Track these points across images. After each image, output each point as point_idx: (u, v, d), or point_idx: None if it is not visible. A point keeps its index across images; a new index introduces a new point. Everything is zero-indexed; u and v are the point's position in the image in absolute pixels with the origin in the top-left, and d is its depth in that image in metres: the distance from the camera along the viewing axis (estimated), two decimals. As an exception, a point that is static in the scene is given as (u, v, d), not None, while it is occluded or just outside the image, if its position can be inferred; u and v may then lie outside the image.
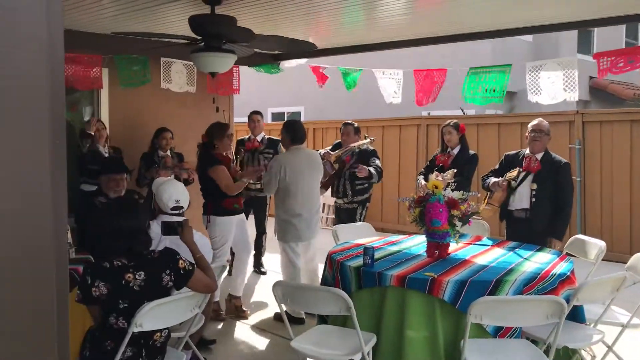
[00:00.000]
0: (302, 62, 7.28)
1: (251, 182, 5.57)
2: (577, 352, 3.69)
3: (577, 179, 7.69)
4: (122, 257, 2.76)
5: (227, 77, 7.00)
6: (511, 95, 14.85)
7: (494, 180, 4.87)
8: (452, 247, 3.98)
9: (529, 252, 4.06)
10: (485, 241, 4.49)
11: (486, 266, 3.62)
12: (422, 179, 5.45)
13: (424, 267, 3.57)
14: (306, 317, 4.84)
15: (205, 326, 3.88)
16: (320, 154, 5.48)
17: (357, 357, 3.11)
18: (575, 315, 3.51)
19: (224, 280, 5.51)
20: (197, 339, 3.84)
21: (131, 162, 5.84)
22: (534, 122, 4.84)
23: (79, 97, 6.56)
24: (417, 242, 4.37)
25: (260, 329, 4.92)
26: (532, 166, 4.71)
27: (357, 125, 5.92)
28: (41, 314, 0.91)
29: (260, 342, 4.65)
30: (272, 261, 7.03)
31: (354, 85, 7.03)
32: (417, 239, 4.52)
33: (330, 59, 7.21)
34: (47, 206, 0.90)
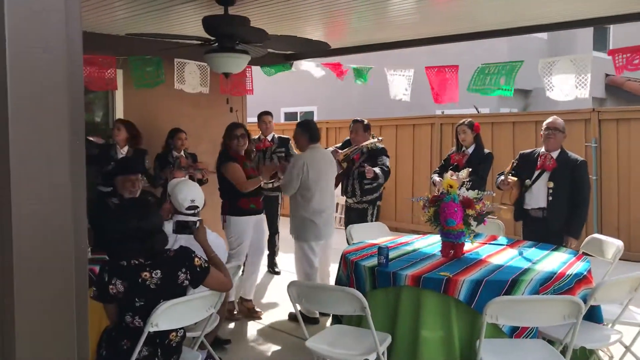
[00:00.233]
0: (314, 66, 7.26)
1: (264, 181, 5.53)
2: (595, 352, 3.65)
3: (594, 178, 7.62)
4: (140, 256, 2.78)
5: (240, 78, 7.01)
6: (526, 93, 14.75)
7: (502, 178, 4.86)
8: (467, 246, 3.96)
9: (544, 252, 4.03)
10: (500, 240, 4.46)
11: (502, 266, 3.60)
12: (436, 176, 5.42)
13: (438, 266, 3.56)
14: (319, 317, 4.85)
15: (219, 326, 3.90)
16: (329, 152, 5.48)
17: (372, 357, 3.10)
18: (592, 315, 3.48)
19: (237, 280, 5.51)
20: (212, 338, 3.85)
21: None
22: (549, 119, 4.82)
23: (93, 98, 6.61)
24: (432, 242, 4.35)
25: (274, 329, 4.93)
26: (548, 164, 4.68)
27: (367, 122, 5.78)
28: (61, 314, 0.92)
29: (274, 342, 4.66)
30: (286, 261, 7.04)
31: (365, 80, 7.01)
32: (431, 238, 4.50)
33: (342, 57, 7.19)
34: (67, 207, 0.91)
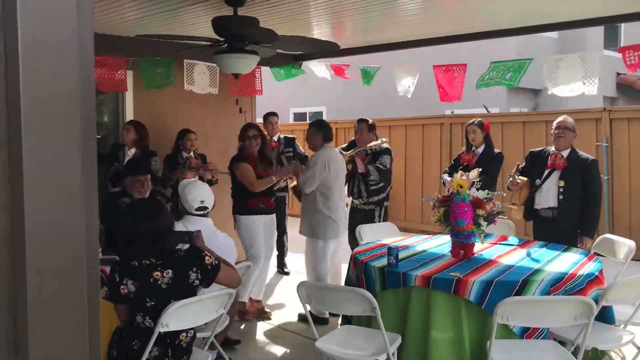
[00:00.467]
0: (323, 69, 7.25)
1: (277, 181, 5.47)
2: (607, 353, 3.63)
3: (605, 177, 7.56)
4: (151, 256, 2.80)
5: (249, 78, 7.02)
6: (536, 92, 14.69)
7: (510, 180, 4.84)
8: (477, 247, 3.95)
9: (555, 252, 4.01)
10: (511, 241, 4.44)
11: (512, 266, 3.58)
12: (446, 176, 5.40)
13: (449, 267, 3.55)
14: (329, 317, 4.85)
15: (229, 326, 3.91)
16: None
17: (382, 357, 3.10)
18: (604, 316, 3.46)
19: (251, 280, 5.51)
20: (222, 339, 3.86)
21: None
22: (559, 119, 4.80)
23: (103, 99, 6.64)
24: (442, 242, 4.34)
25: (284, 329, 4.93)
26: (558, 163, 4.65)
27: (371, 121, 5.71)
28: (74, 314, 0.93)
29: (284, 342, 4.66)
30: (295, 261, 7.04)
31: (369, 83, 6.97)
32: (441, 238, 4.49)
33: (350, 57, 7.18)
34: (79, 208, 0.92)
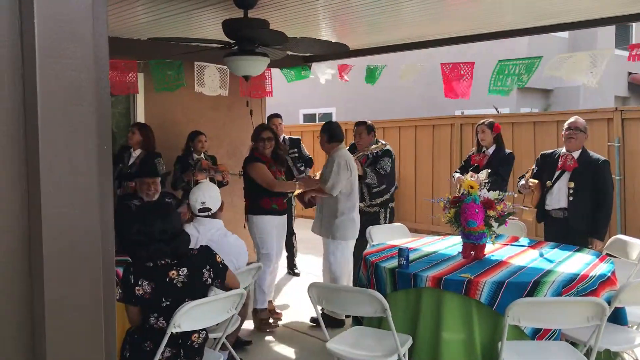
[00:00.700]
0: (332, 72, 7.25)
1: (299, 190, 5.38)
2: (619, 354, 3.61)
3: (617, 178, 7.51)
4: (167, 256, 2.85)
5: (259, 80, 7.05)
6: (547, 93, 14.61)
7: (522, 182, 4.82)
8: (488, 248, 3.94)
9: (567, 253, 3.99)
10: (522, 242, 4.43)
11: (523, 267, 3.57)
12: (457, 175, 5.39)
13: (460, 268, 3.54)
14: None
15: (240, 327, 3.93)
16: None
17: (393, 358, 3.10)
18: (616, 317, 3.44)
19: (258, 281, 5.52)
20: (233, 339, 3.88)
21: (168, 165, 5.94)
22: (570, 119, 4.77)
23: (114, 101, 6.69)
24: (452, 243, 4.33)
25: (294, 330, 4.94)
26: (568, 164, 4.63)
27: (370, 123, 5.67)
28: (90, 315, 0.94)
29: (295, 343, 4.67)
30: (305, 262, 7.06)
31: (373, 83, 6.93)
32: (451, 239, 4.49)
33: (358, 58, 7.17)
34: (95, 210, 0.93)
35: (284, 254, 6.36)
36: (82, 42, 0.93)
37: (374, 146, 5.57)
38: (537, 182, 4.74)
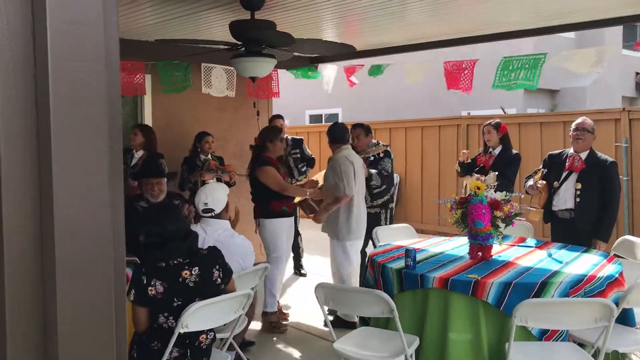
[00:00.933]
0: (333, 75, 7.26)
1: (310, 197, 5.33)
2: (627, 356, 3.60)
3: (625, 179, 7.47)
4: (180, 256, 2.87)
5: (266, 81, 7.08)
6: (553, 93, 14.57)
7: (530, 183, 4.81)
8: (495, 248, 3.93)
9: (574, 254, 3.98)
10: (528, 242, 4.41)
11: (530, 268, 3.56)
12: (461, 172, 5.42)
13: (466, 269, 3.54)
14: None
15: (247, 327, 3.94)
16: None
17: (400, 359, 3.10)
18: (624, 318, 3.42)
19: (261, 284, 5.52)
20: (240, 340, 3.89)
21: (175, 166, 5.97)
22: (578, 120, 4.75)
23: (122, 103, 6.72)
24: (459, 244, 4.33)
25: (301, 331, 4.95)
26: (576, 165, 4.61)
27: (367, 125, 5.70)
28: (101, 315, 0.95)
29: (301, 344, 4.68)
30: (311, 263, 7.07)
31: (378, 73, 6.91)
32: (458, 240, 4.48)
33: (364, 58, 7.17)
34: (106, 211, 0.94)
35: (290, 255, 6.37)
36: (93, 44, 0.94)
37: (376, 148, 5.59)
38: (545, 183, 4.73)
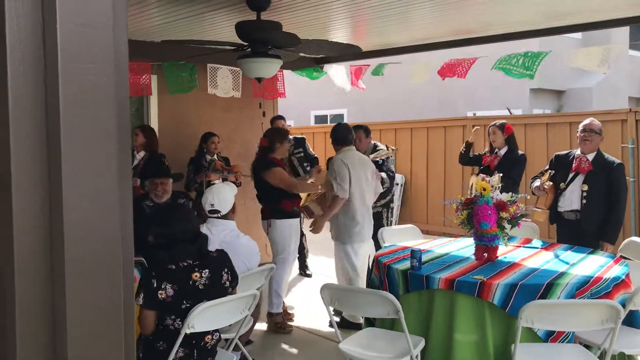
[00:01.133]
0: (346, 77, 7.25)
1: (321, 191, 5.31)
2: (634, 358, 3.58)
3: (632, 180, 7.44)
4: (190, 257, 2.85)
5: (272, 82, 7.09)
6: (559, 94, 14.52)
7: (536, 184, 4.80)
8: (501, 249, 3.92)
9: (581, 255, 3.96)
10: (534, 244, 4.40)
11: (536, 269, 3.55)
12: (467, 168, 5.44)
13: (472, 270, 3.53)
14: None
15: (253, 328, 3.94)
16: None
17: (405, 360, 3.10)
18: (631, 320, 3.41)
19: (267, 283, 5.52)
20: (245, 340, 3.90)
21: (181, 166, 5.98)
22: (585, 121, 4.73)
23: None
24: (465, 245, 4.32)
25: (306, 331, 4.95)
26: (583, 167, 4.60)
27: (366, 126, 5.70)
28: (110, 317, 0.96)
29: (307, 344, 4.68)
30: (316, 263, 7.07)
31: (381, 71, 6.90)
32: (464, 241, 4.47)
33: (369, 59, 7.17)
34: (115, 213, 0.95)
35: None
36: (103, 46, 0.94)
37: (385, 152, 5.62)
38: (551, 184, 4.72)
